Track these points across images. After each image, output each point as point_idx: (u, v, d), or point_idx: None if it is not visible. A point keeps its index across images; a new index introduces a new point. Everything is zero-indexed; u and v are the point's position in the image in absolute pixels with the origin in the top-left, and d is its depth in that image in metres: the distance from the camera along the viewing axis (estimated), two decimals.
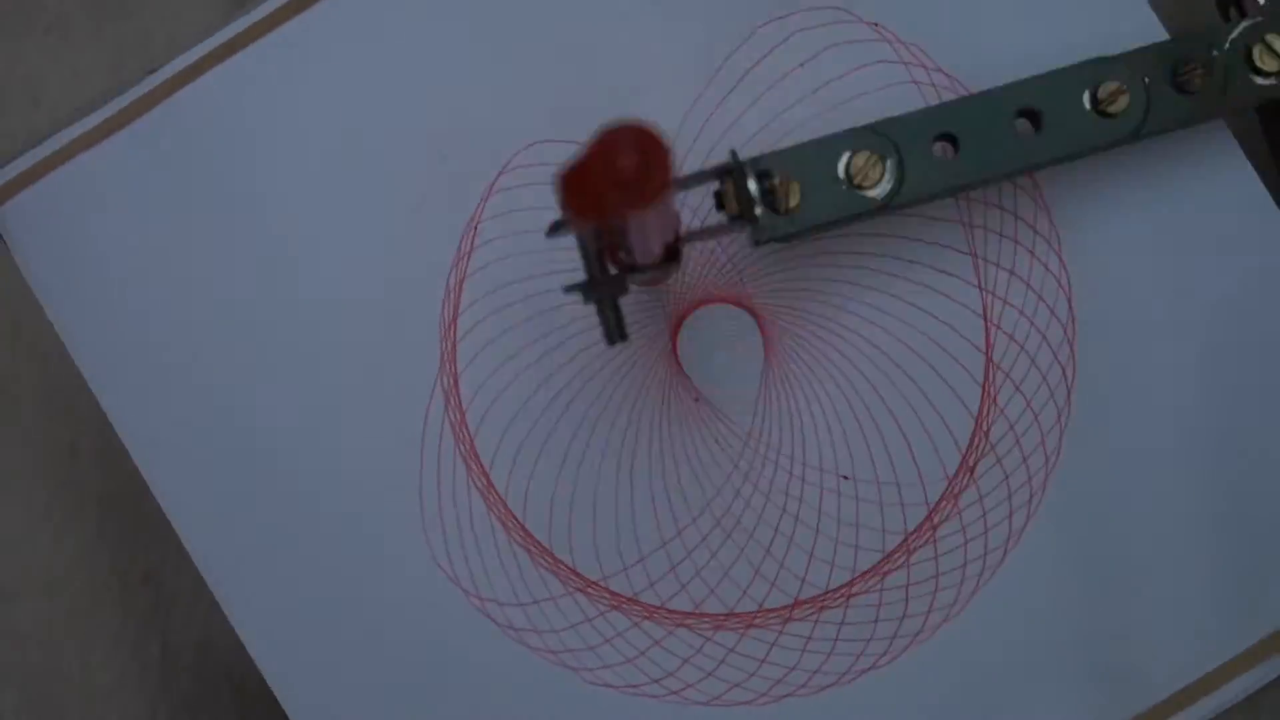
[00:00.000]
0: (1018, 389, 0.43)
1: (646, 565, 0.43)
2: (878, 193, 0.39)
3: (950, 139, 0.40)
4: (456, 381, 0.43)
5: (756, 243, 0.39)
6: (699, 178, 0.38)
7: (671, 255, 0.38)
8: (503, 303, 0.43)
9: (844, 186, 0.39)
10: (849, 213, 0.39)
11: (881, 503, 0.43)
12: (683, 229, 0.38)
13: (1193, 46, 0.41)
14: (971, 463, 0.43)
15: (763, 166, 0.39)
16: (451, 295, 0.43)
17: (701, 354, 0.44)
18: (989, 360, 0.43)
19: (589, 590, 0.43)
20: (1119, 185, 0.43)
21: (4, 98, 0.44)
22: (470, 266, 0.43)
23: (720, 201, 0.39)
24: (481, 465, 0.43)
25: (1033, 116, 0.40)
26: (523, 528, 0.43)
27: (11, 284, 0.44)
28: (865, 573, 0.43)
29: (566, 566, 0.43)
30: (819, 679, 0.43)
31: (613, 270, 0.37)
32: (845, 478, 0.43)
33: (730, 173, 0.39)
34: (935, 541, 0.43)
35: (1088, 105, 0.40)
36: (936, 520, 0.43)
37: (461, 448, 0.43)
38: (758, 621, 0.43)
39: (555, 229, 0.36)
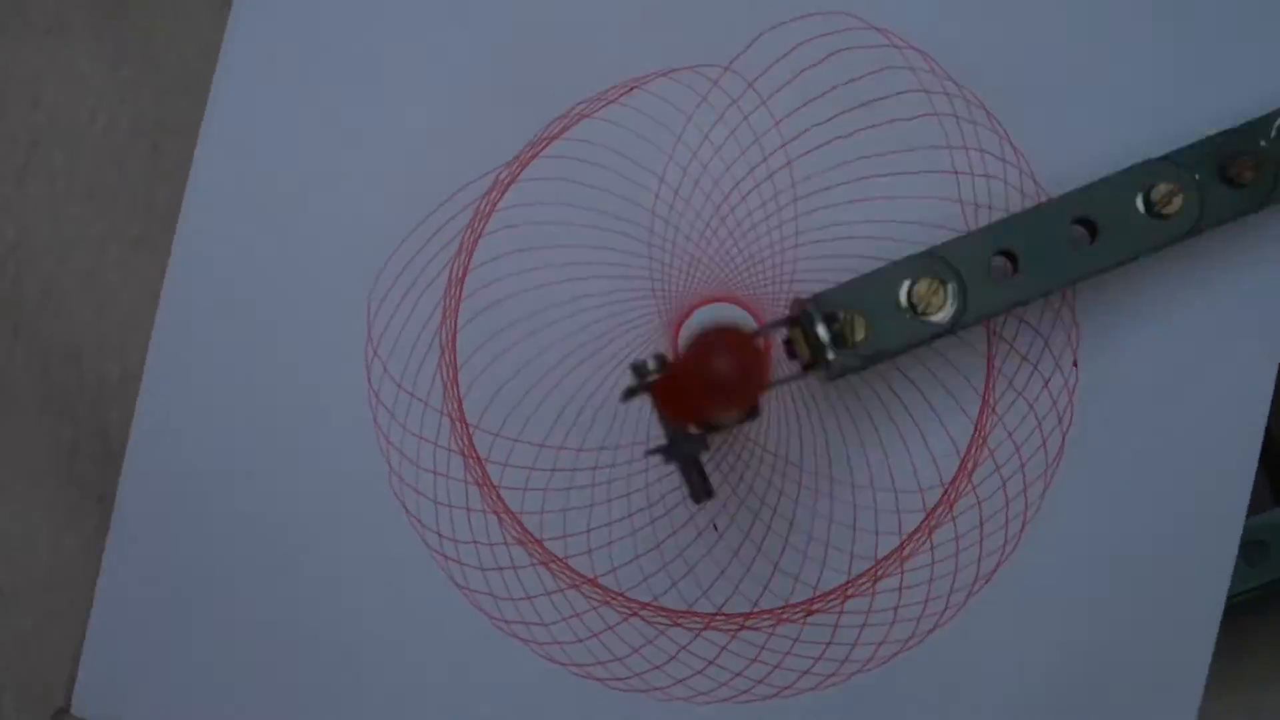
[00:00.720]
0: (1020, 395, 0.43)
1: (642, 563, 0.43)
2: (942, 317, 0.39)
3: (1008, 255, 0.40)
4: (457, 381, 0.43)
5: (830, 379, 0.40)
6: (766, 330, 0.38)
7: (751, 412, 0.38)
8: (505, 292, 0.44)
9: (908, 315, 0.39)
10: (915, 340, 0.39)
11: (876, 508, 0.43)
12: None
13: (1239, 140, 0.41)
14: (970, 468, 0.43)
15: (829, 308, 0.39)
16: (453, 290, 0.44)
17: None
18: (990, 366, 0.43)
19: (582, 587, 0.43)
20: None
21: (4, 98, 0.44)
22: (474, 262, 0.44)
23: (791, 350, 0.39)
24: (478, 454, 0.43)
25: (1088, 225, 0.40)
26: (520, 524, 0.43)
27: (11, 283, 0.44)
28: (858, 577, 0.43)
29: (568, 567, 0.43)
30: (807, 680, 0.43)
31: (692, 430, 0.38)
32: (715, 527, 0.43)
33: (798, 320, 0.39)
34: (933, 548, 0.43)
35: (1141, 209, 0.40)
36: (932, 525, 0.43)
37: (459, 441, 0.43)
38: (749, 624, 0.43)
39: (630, 395, 0.37)
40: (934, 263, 0.40)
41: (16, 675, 0.44)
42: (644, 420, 0.43)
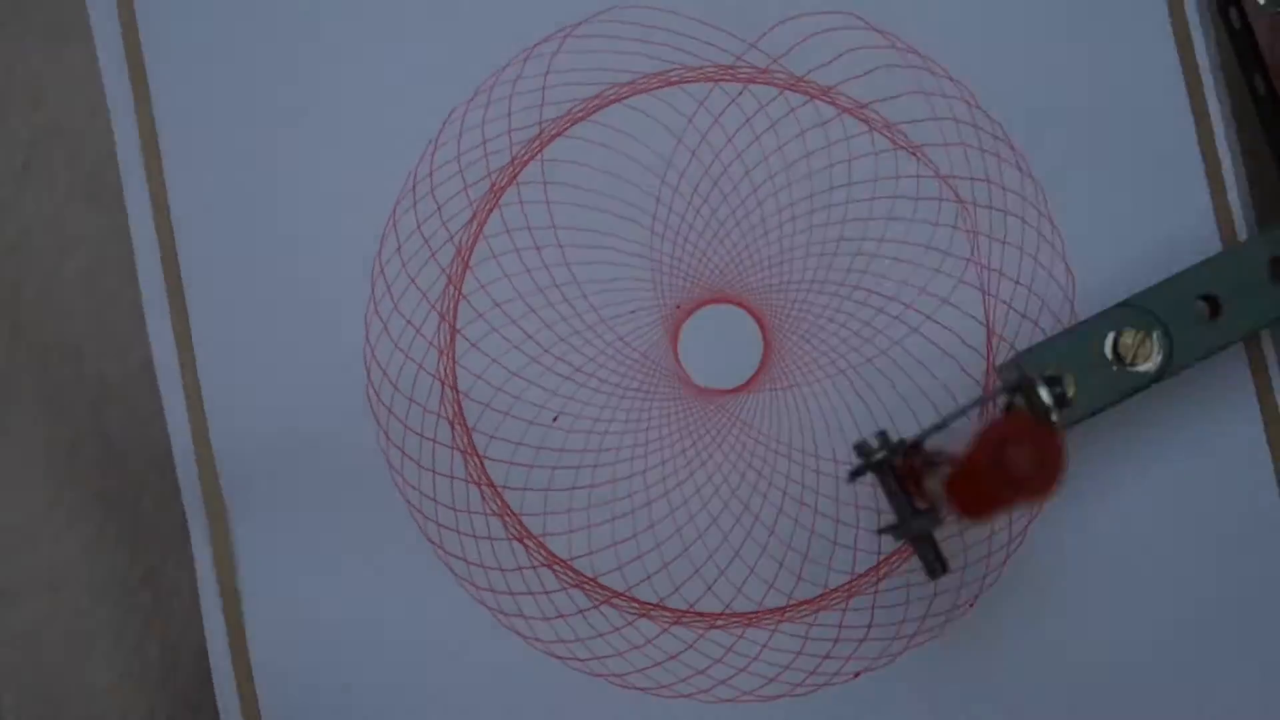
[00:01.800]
0: None
1: (644, 561, 0.43)
2: (1150, 367, 0.39)
3: (1210, 299, 0.40)
4: (456, 382, 0.43)
5: None
6: (984, 400, 0.39)
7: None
8: (504, 293, 0.44)
9: (1115, 367, 0.39)
10: (1125, 392, 0.39)
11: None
12: None
13: None
14: None
15: (1037, 367, 0.39)
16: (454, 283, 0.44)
17: (702, 354, 0.44)
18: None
19: (585, 586, 0.43)
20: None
21: (4, 98, 0.44)
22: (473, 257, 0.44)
23: None
24: (478, 453, 0.43)
25: None
26: (521, 524, 0.43)
27: (11, 283, 0.44)
28: (862, 575, 0.43)
29: (579, 572, 0.43)
30: (813, 679, 0.43)
31: (921, 506, 0.37)
32: (554, 419, 0.43)
33: (1020, 388, 0.39)
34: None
35: None
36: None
37: (460, 441, 0.43)
38: (755, 621, 0.43)
39: (856, 475, 0.37)
40: (1134, 312, 0.40)
41: (16, 675, 0.44)
42: (644, 422, 0.43)
